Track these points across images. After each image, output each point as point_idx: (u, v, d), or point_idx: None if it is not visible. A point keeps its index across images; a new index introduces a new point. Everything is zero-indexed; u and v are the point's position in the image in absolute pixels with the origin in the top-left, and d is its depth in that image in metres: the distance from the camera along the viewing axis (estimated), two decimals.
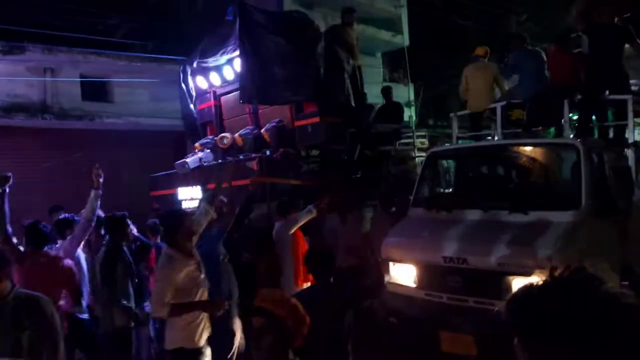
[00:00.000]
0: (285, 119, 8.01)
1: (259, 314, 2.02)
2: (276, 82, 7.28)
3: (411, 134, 8.93)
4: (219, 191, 4.63)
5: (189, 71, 8.86)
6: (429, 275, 4.49)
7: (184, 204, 7.51)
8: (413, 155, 8.48)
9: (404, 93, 14.28)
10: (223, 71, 8.22)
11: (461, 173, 5.98)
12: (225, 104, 8.93)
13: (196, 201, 6.43)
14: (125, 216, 4.56)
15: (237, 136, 8.04)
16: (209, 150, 8.25)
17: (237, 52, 7.51)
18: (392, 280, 4.82)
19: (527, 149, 5.29)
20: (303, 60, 7.36)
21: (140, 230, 6.06)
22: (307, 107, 7.76)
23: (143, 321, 4.80)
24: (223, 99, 8.90)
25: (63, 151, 10.03)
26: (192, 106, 9.07)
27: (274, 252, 5.17)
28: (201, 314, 3.58)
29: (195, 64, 8.58)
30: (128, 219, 4.64)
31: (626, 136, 5.27)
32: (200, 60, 8.38)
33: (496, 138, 6.28)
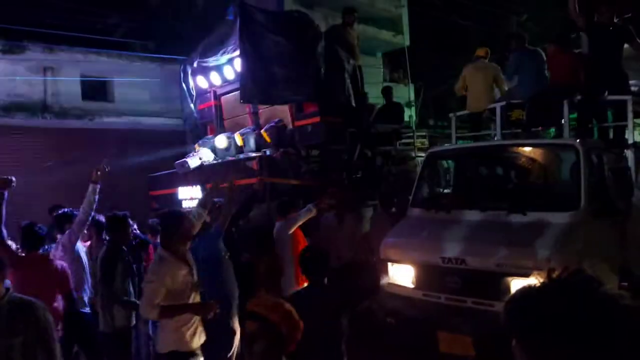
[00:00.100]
0: (285, 118, 8.01)
1: (252, 318, 1.97)
2: (276, 82, 7.27)
3: (411, 134, 8.96)
4: (214, 194, 4.63)
5: (189, 71, 8.87)
6: (427, 275, 4.49)
7: (184, 204, 7.52)
8: (413, 155, 8.48)
9: (404, 93, 14.27)
10: (223, 71, 8.23)
11: (460, 173, 5.96)
12: (225, 104, 8.93)
13: (196, 201, 6.43)
14: (126, 216, 4.57)
15: (238, 134, 8.03)
16: (209, 150, 8.25)
17: (238, 52, 7.51)
18: (391, 280, 4.82)
19: (527, 150, 5.29)
20: (303, 60, 7.35)
21: (139, 229, 6.08)
22: (307, 107, 7.75)
23: (143, 319, 4.80)
24: (223, 98, 8.90)
25: (63, 150, 10.03)
26: (192, 106, 9.08)
27: (274, 252, 5.18)
28: (194, 317, 3.55)
29: (195, 64, 8.58)
30: (129, 219, 4.65)
31: (626, 137, 5.26)
32: (201, 59, 8.38)
33: (496, 138, 6.28)
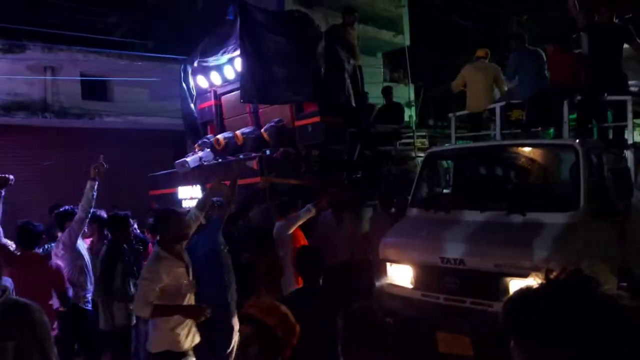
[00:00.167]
0: (285, 118, 8.00)
1: (247, 321, 1.92)
2: (277, 82, 7.26)
3: (411, 134, 8.95)
4: (212, 195, 4.63)
5: (189, 70, 8.85)
6: (426, 275, 4.49)
7: (184, 204, 7.52)
8: (413, 155, 8.48)
9: (404, 93, 14.29)
10: (224, 70, 8.21)
11: (460, 173, 5.96)
12: (225, 104, 8.92)
13: (196, 201, 6.43)
14: (128, 216, 4.59)
15: (238, 133, 8.02)
16: (208, 150, 8.24)
17: (238, 52, 7.49)
18: (389, 280, 4.82)
19: (526, 150, 5.28)
20: (303, 59, 7.33)
21: (139, 228, 6.08)
22: (307, 107, 7.74)
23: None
24: (223, 98, 8.89)
25: (63, 150, 10.05)
26: (192, 105, 9.06)
27: (274, 252, 5.17)
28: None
29: (195, 63, 8.56)
30: (130, 219, 4.66)
31: (625, 137, 5.26)
32: (201, 59, 8.36)
33: (495, 138, 6.27)
